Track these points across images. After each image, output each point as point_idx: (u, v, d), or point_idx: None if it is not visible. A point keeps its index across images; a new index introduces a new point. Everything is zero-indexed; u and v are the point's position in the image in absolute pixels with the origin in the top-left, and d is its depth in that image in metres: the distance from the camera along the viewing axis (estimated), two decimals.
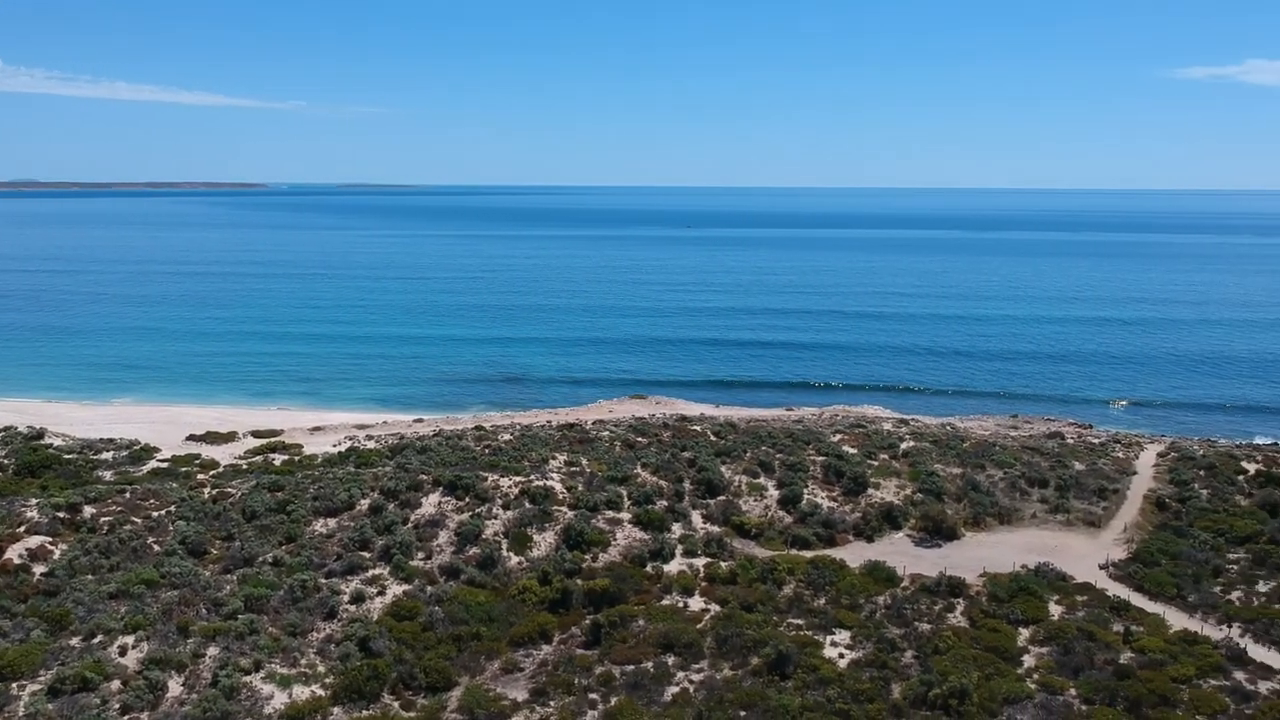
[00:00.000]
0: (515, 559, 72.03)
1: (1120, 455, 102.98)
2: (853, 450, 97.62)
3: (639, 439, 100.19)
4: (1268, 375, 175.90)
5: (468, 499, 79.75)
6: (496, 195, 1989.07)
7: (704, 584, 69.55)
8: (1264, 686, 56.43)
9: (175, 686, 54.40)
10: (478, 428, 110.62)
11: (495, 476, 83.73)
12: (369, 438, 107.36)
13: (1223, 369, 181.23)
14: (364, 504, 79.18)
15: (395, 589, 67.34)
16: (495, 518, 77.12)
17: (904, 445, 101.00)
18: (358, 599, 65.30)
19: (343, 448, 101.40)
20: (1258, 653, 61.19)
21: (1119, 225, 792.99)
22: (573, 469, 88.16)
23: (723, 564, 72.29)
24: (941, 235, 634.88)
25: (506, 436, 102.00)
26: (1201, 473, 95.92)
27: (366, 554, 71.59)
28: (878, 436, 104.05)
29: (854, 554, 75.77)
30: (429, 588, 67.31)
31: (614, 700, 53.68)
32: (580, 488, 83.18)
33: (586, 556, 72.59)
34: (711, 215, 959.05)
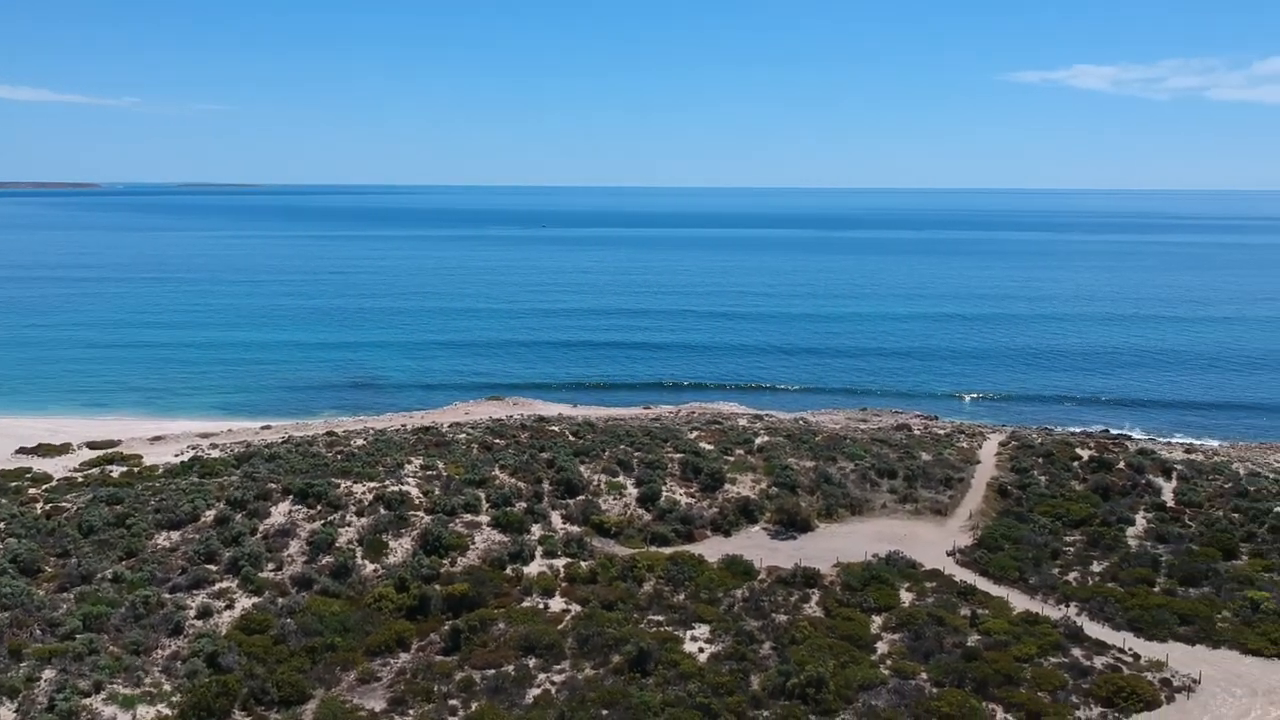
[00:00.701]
0: (371, 567, 70.39)
1: (964, 445, 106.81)
2: (710, 447, 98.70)
3: (497, 440, 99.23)
4: (1098, 366, 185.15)
5: (320, 507, 77.58)
6: (344, 195, 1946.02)
7: (564, 584, 69.24)
8: (1099, 661, 59.19)
9: (7, 713, 51.28)
10: (329, 433, 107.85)
11: (348, 483, 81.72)
12: (213, 446, 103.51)
13: (1057, 361, 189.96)
14: (209, 515, 76.20)
15: (244, 602, 64.99)
16: (349, 525, 75.24)
17: (759, 440, 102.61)
18: (205, 614, 62.77)
19: (185, 457, 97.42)
20: (1093, 630, 64.20)
21: (958, 223, 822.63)
22: (429, 473, 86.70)
23: (583, 564, 72.11)
24: (792, 234, 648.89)
25: (360, 441, 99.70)
26: (1040, 460, 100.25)
27: (213, 567, 68.90)
28: (734, 432, 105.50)
29: (712, 549, 76.55)
30: (280, 599, 65.15)
31: (475, 705, 52.89)
32: (437, 491, 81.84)
33: (444, 561, 71.46)
34: (567, 215, 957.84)
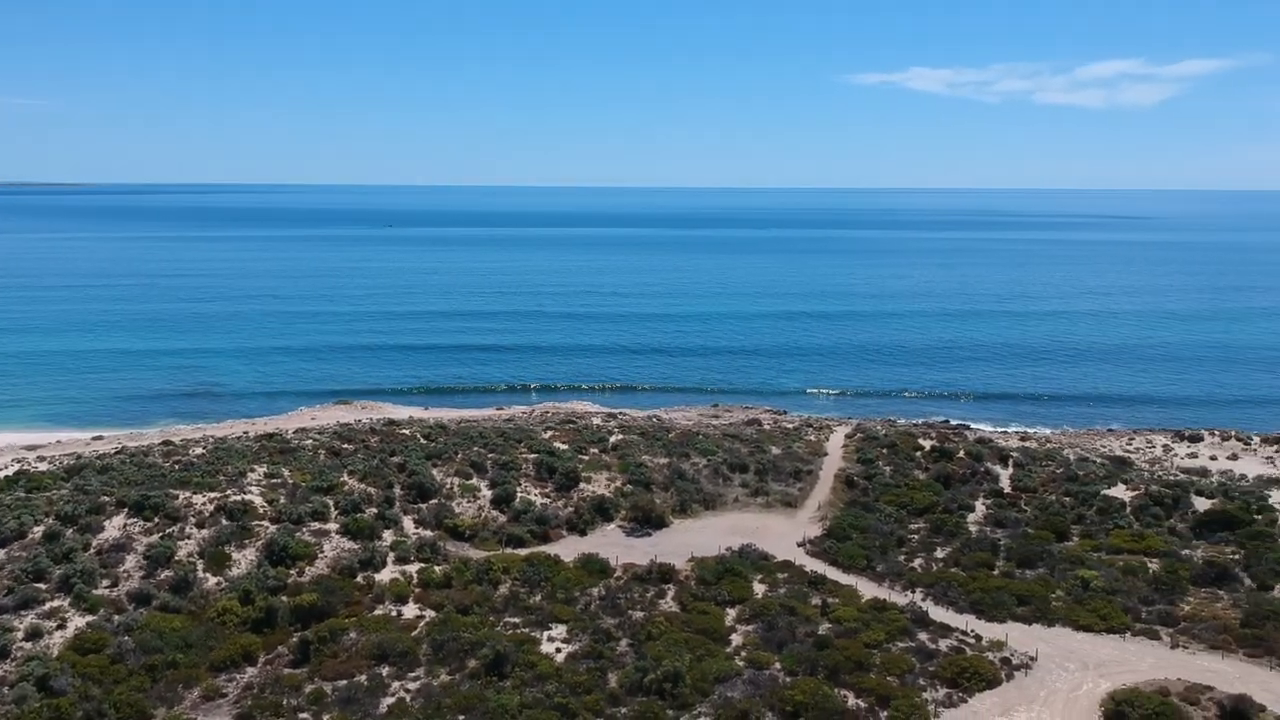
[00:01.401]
0: (213, 580, 67.72)
1: (812, 438, 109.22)
2: (564, 446, 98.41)
3: (345, 445, 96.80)
4: (938, 360, 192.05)
5: (157, 519, 74.25)
6: (176, 194, 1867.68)
7: (418, 590, 67.96)
8: (944, 644, 61.17)
9: None
10: (166, 443, 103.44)
11: (187, 493, 78.46)
12: (40, 459, 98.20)
13: (900, 355, 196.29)
14: (37, 531, 72.08)
15: (77, 621, 61.70)
16: (189, 537, 72.26)
17: (613, 439, 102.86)
18: (34, 635, 59.35)
19: (10, 471, 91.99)
20: (938, 613, 66.35)
21: (803, 222, 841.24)
22: (274, 480, 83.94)
23: (437, 568, 70.91)
24: (643, 233, 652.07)
25: (199, 450, 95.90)
26: (884, 451, 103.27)
27: (42, 585, 65.19)
28: (588, 431, 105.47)
29: (568, 548, 76.30)
30: (116, 617, 62.08)
31: (326, 718, 51.38)
32: (282, 500, 79.27)
33: (292, 571, 69.27)
34: (414, 214, 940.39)
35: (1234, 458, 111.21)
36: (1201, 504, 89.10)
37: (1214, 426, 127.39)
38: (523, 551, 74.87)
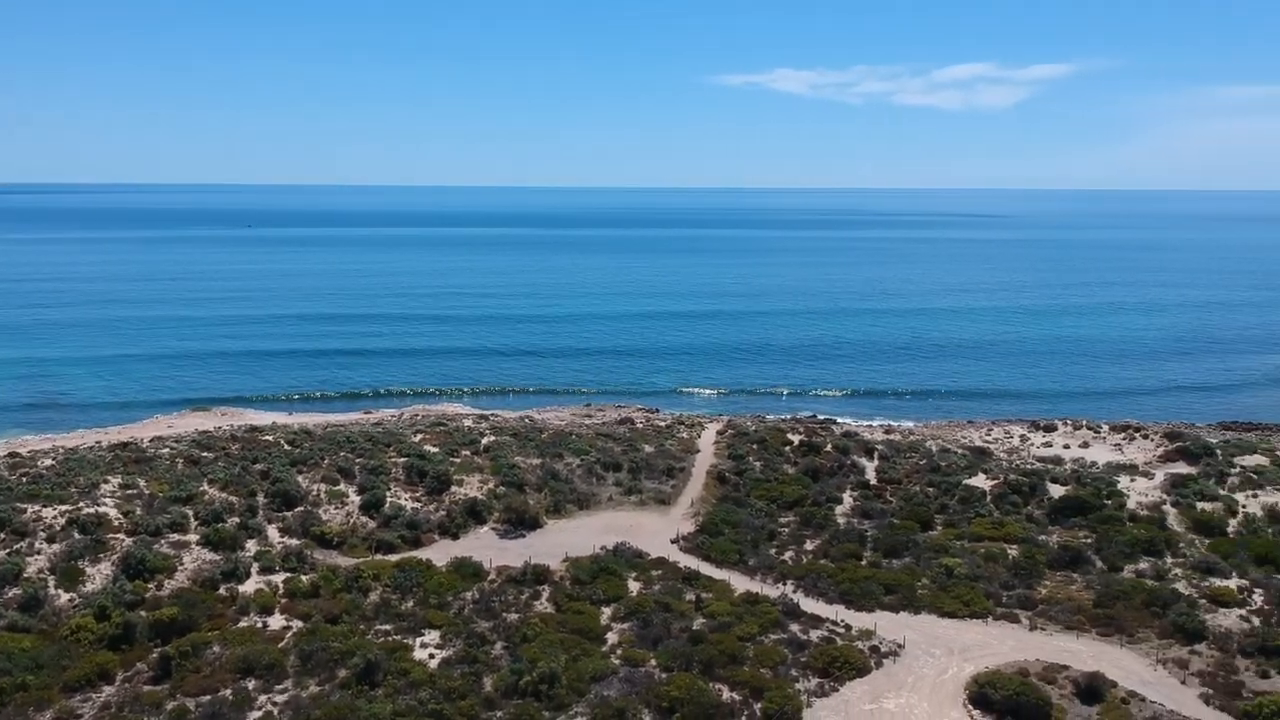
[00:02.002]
0: (66, 596, 64.64)
1: (685, 436, 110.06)
2: (435, 449, 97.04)
3: (204, 454, 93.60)
4: (806, 357, 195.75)
5: (4, 534, 70.56)
6: (11, 194, 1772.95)
7: (284, 600, 66.06)
8: (815, 634, 62.26)
9: None
10: (11, 454, 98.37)
11: (36, 506, 74.80)
12: None
13: (769, 353, 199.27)
14: None
15: None
16: (38, 553, 68.87)
17: (485, 440, 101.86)
18: None
19: None
20: (809, 605, 67.54)
21: (672, 221, 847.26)
22: (129, 492, 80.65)
23: (304, 577, 69.06)
24: (512, 233, 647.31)
25: (48, 462, 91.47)
26: (755, 447, 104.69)
27: None
28: (459, 434, 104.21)
29: (440, 553, 75.24)
30: None
31: None
32: (139, 511, 76.20)
33: (150, 585, 66.62)
34: (277, 214, 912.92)
35: (1085, 446, 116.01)
36: (1056, 491, 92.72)
37: (1066, 416, 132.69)
38: (393, 557, 73.50)
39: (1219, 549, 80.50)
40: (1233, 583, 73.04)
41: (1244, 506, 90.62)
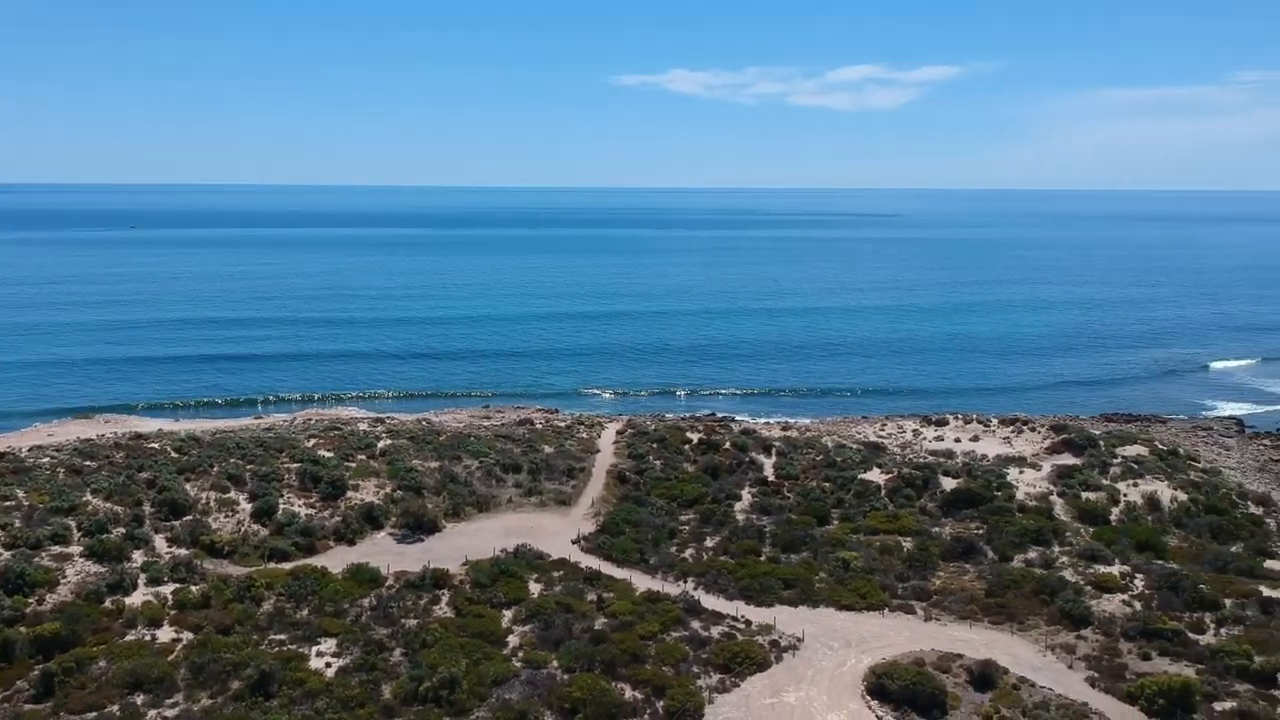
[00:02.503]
0: None
1: (585, 436, 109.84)
2: (329, 454, 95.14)
3: (86, 463, 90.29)
4: (703, 356, 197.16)
5: None
6: None
7: (174, 612, 64.05)
8: (716, 631, 62.65)
9: None
10: None
11: None
12: None
13: (667, 353, 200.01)
14: None
15: None
16: None
17: (381, 444, 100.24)
18: None
19: None
20: (710, 601, 67.93)
21: (571, 221, 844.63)
22: (7, 503, 77.39)
23: (194, 588, 67.04)
24: (407, 233, 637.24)
25: None
26: (655, 445, 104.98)
27: None
28: (354, 438, 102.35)
29: (336, 559, 73.80)
30: None
31: None
32: (17, 523, 73.15)
33: (30, 600, 63.99)
34: (161, 215, 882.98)
35: (975, 439, 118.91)
36: (948, 484, 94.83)
37: (957, 411, 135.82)
38: (287, 565, 71.87)
39: (1103, 537, 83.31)
40: (1116, 569, 75.60)
41: (1125, 495, 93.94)
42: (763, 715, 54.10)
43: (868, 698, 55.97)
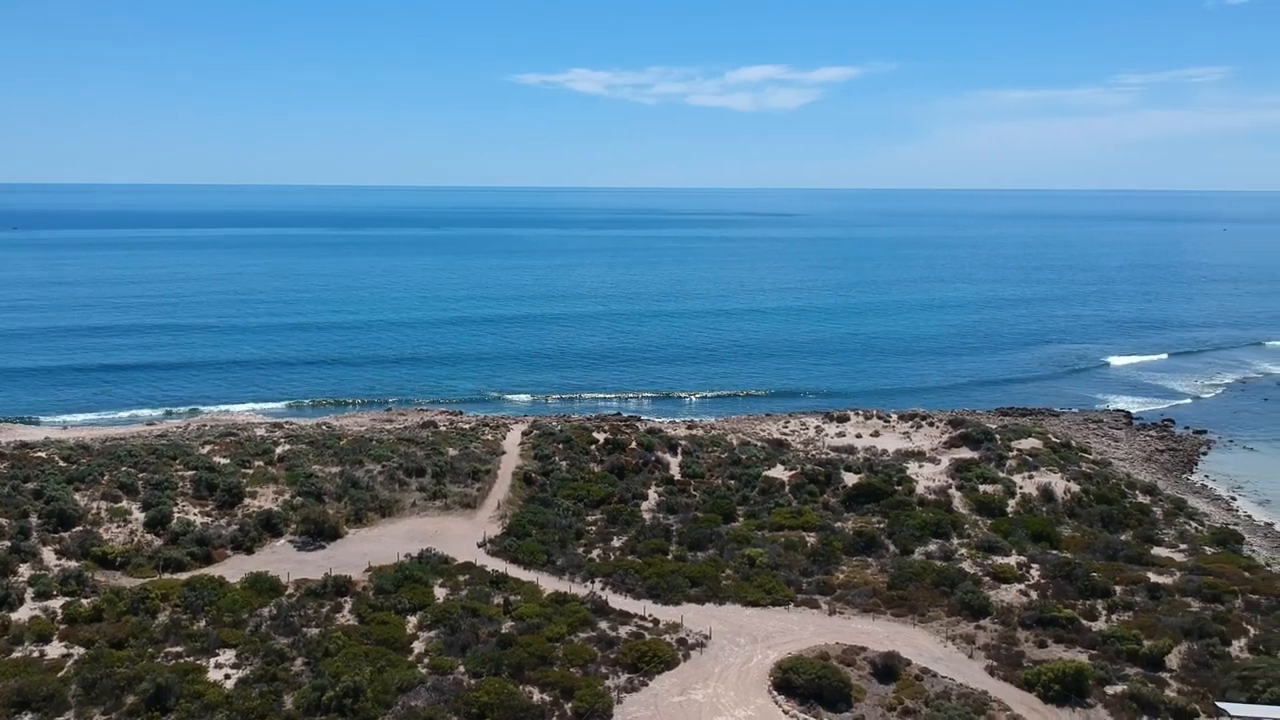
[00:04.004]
0: None
1: (490, 438, 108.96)
2: (225, 460, 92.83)
3: None
4: (609, 358, 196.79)
5: None
6: None
7: (63, 626, 61.82)
8: (624, 630, 62.65)
9: None
10: None
11: None
12: None
13: (570, 356, 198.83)
14: None
15: None
16: None
17: (279, 450, 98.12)
18: None
19: None
20: (617, 601, 67.95)
21: (474, 221, 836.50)
22: None
23: (85, 601, 64.81)
24: (299, 234, 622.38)
25: None
26: (560, 446, 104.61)
27: None
28: (251, 443, 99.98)
29: (234, 568, 72.02)
30: None
31: None
32: None
33: None
34: (46, 215, 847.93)
35: (876, 434, 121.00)
36: (850, 479, 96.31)
37: (858, 407, 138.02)
38: (183, 575, 69.89)
39: (1000, 528, 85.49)
40: (1012, 559, 77.56)
41: (1021, 487, 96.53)
42: (671, 713, 54.26)
43: (774, 693, 56.52)
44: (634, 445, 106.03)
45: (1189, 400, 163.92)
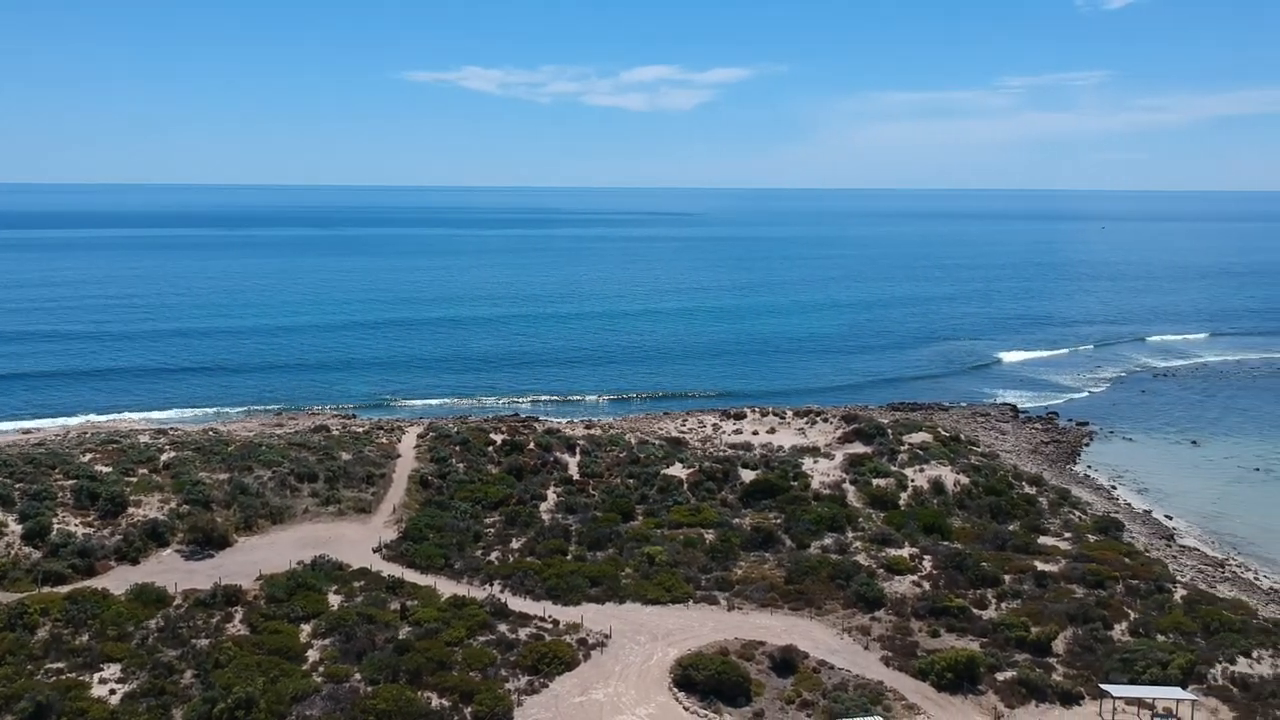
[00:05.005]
0: None
1: (384, 441, 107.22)
2: (108, 469, 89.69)
3: None
4: (505, 361, 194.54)
5: None
6: None
7: None
8: (524, 632, 62.24)
9: None
10: None
11: None
12: None
13: (464, 360, 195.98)
14: None
15: None
16: None
17: (165, 456, 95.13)
18: None
19: None
20: (517, 603, 67.50)
21: (364, 221, 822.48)
22: None
23: None
24: (177, 234, 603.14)
25: None
26: (458, 448, 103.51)
27: None
28: (135, 450, 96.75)
29: (118, 580, 69.62)
30: None
31: None
32: None
33: None
34: None
35: (772, 431, 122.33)
36: (747, 476, 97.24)
37: (754, 404, 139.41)
38: (64, 589, 67.33)
39: (893, 521, 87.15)
40: (905, 551, 79.20)
41: (912, 480, 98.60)
42: (572, 714, 54.08)
43: (675, 689, 56.71)
44: (532, 446, 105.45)
45: (1072, 394, 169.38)
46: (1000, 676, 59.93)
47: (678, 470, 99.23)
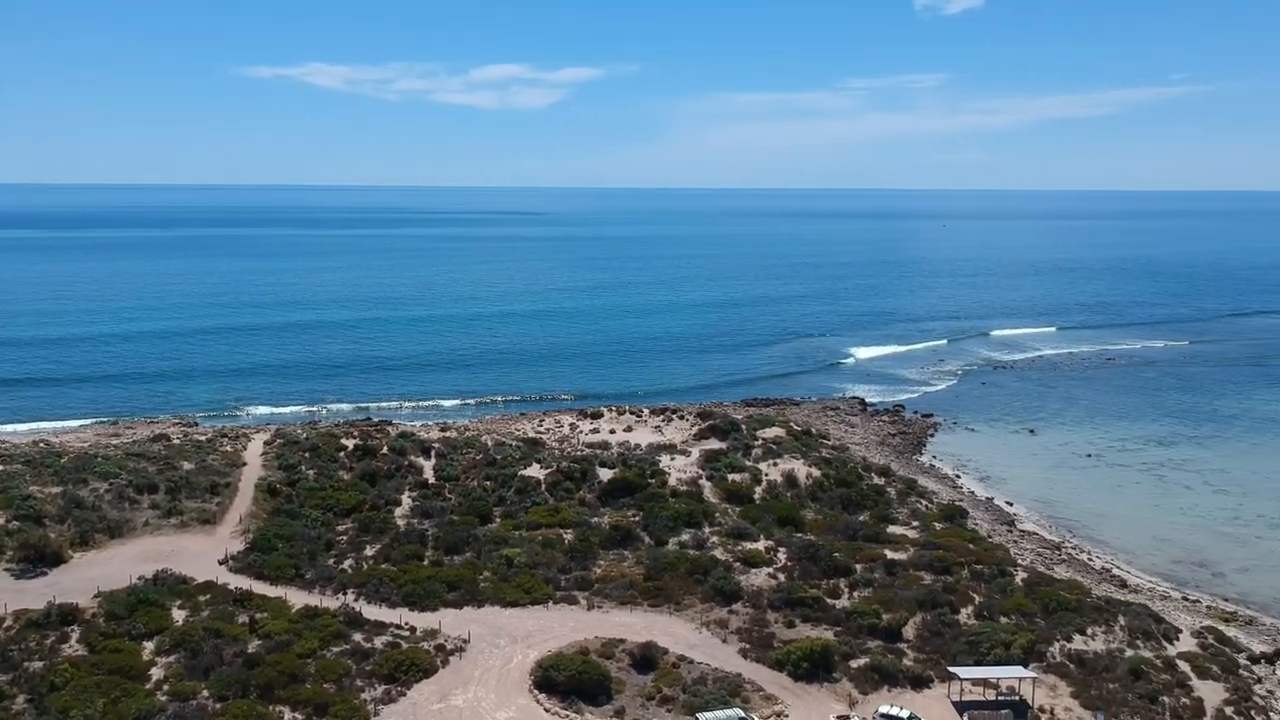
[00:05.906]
0: None
1: (229, 449, 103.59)
2: None
3: None
4: (358, 366, 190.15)
5: None
6: None
7: None
8: (379, 641, 61.00)
9: None
10: None
11: None
12: None
13: (312, 365, 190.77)
14: None
15: None
16: None
17: None
18: None
19: None
20: (372, 611, 66.07)
21: (203, 221, 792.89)
22: None
23: None
24: (13, 236, 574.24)
25: None
26: (307, 454, 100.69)
27: None
28: None
29: None
30: None
31: None
32: None
33: None
34: None
35: (629, 429, 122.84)
36: (605, 474, 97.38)
37: (612, 404, 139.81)
38: None
39: (748, 515, 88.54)
40: (761, 545, 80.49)
41: (767, 475, 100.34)
42: None
43: (536, 691, 56.38)
44: (385, 450, 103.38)
45: (918, 387, 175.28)
46: (854, 664, 61.46)
47: (535, 471, 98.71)
